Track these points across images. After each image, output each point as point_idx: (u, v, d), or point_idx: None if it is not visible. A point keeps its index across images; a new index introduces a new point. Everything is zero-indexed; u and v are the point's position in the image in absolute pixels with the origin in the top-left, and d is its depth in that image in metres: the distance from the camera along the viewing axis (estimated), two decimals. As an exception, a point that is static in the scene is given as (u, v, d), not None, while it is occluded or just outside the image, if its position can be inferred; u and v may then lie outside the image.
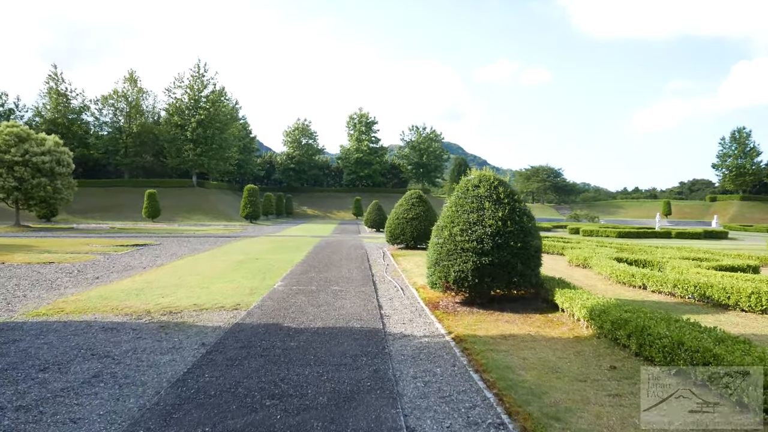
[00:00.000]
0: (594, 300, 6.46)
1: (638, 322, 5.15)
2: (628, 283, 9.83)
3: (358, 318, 7.43)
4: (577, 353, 5.53)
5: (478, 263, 7.49)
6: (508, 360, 5.30)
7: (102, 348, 5.91)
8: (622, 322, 5.37)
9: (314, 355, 5.53)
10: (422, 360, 5.47)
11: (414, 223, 18.59)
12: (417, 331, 6.80)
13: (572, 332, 6.42)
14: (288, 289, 9.88)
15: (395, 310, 8.20)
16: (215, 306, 8.34)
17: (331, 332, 6.55)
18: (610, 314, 5.69)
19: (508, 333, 6.43)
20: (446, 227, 7.95)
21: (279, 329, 6.73)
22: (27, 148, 33.68)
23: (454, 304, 8.24)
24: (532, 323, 6.98)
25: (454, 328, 6.80)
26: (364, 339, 6.25)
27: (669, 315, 5.32)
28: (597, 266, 11.53)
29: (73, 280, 11.22)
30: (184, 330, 6.80)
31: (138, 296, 9.16)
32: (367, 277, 11.72)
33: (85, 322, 7.21)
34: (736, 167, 79.54)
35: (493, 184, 8.06)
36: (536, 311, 7.74)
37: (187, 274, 11.94)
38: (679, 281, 8.46)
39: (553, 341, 6.03)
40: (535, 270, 7.88)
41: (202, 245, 20.71)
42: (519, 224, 7.72)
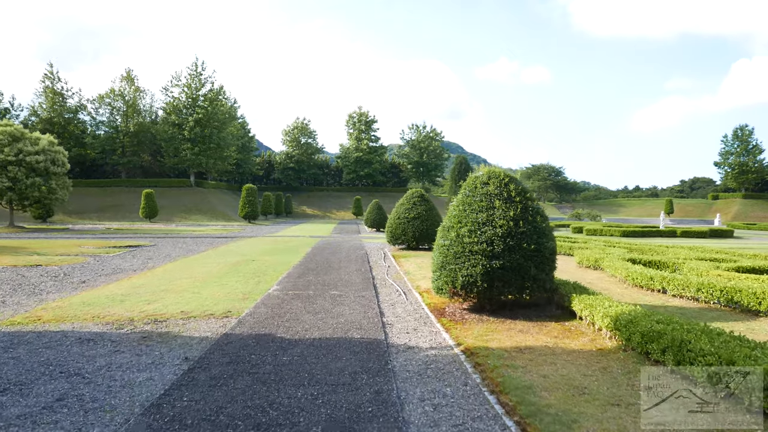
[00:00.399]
0: (618, 308, 5.86)
1: (675, 335, 4.55)
2: (646, 286, 9.22)
3: (358, 327, 6.84)
4: (604, 370, 4.94)
5: (488, 267, 6.89)
6: (528, 378, 4.70)
7: (74, 364, 5.32)
8: (655, 335, 4.77)
9: (309, 372, 4.94)
10: (430, 378, 4.88)
11: (416, 223, 17.98)
12: (422, 341, 6.21)
13: (594, 344, 5.82)
14: (283, 294, 9.28)
15: (398, 317, 7.60)
16: (204, 313, 7.74)
17: (329, 344, 5.96)
18: (639, 325, 5.09)
19: (524, 345, 5.83)
20: (453, 228, 7.35)
21: (271, 341, 6.13)
22: (21, 148, 33.04)
23: (461, 311, 7.64)
24: (548, 333, 6.38)
25: (463, 338, 6.20)
26: (365, 352, 5.65)
27: (709, 327, 4.71)
28: (610, 268, 10.92)
29: (57, 284, 10.62)
30: (167, 341, 6.21)
31: (123, 302, 8.56)
32: (367, 281, 11.12)
33: (61, 333, 6.62)
34: (738, 165, 78.92)
35: (503, 180, 7.45)
36: (551, 318, 7.14)
37: (178, 278, 11.34)
38: (703, 285, 7.86)
39: (575, 355, 5.43)
40: (549, 274, 7.28)
41: (198, 246, 20.11)
42: (532, 224, 7.12)
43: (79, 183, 55.09)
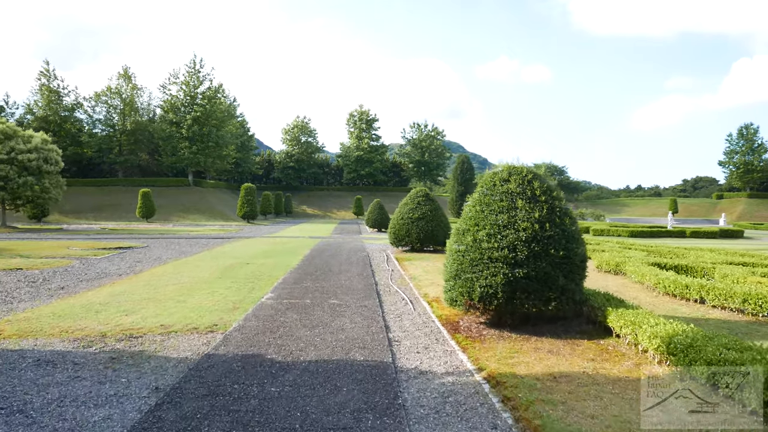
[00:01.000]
0: (668, 327, 4.95)
1: (757, 368, 3.66)
2: (680, 295, 8.31)
3: (360, 345, 5.95)
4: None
5: (509, 276, 6.00)
6: (572, 420, 3.80)
7: (21, 396, 4.43)
8: (731, 367, 3.88)
9: (302, 410, 4.04)
10: (449, 416, 3.98)
11: (420, 223, 17.05)
12: (436, 364, 5.32)
13: (641, 370, 4.92)
14: (278, 304, 8.38)
15: (406, 332, 6.71)
16: (187, 327, 6.85)
17: (327, 369, 5.06)
18: (704, 351, 4.19)
19: (558, 370, 4.93)
20: (469, 231, 6.45)
21: (259, 364, 5.24)
22: (13, 146, 32.16)
23: (478, 325, 6.74)
24: (582, 354, 5.48)
25: (485, 361, 5.30)
26: (369, 380, 4.76)
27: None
28: (635, 273, 10.01)
29: (33, 291, 9.74)
30: (138, 364, 5.32)
31: (98, 313, 7.67)
32: (370, 287, 10.23)
33: (19, 353, 5.73)
34: (743, 164, 77.96)
35: (526, 177, 6.55)
36: (582, 335, 6.24)
37: (164, 284, 10.44)
38: (750, 295, 6.96)
39: (622, 385, 4.53)
40: (579, 284, 6.39)
41: (192, 248, 19.21)
42: (560, 227, 6.22)
43: (75, 182, 54.28)
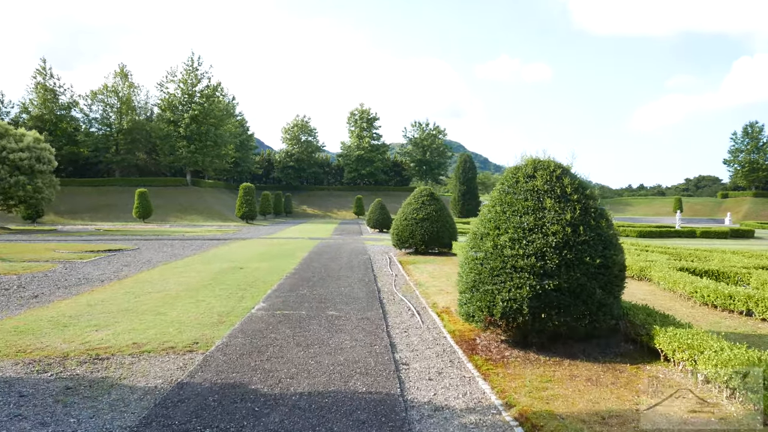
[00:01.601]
0: (740, 354, 4.04)
1: None
2: (721, 306, 7.40)
3: (362, 370, 5.05)
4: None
5: (537, 289, 5.09)
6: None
7: (-61, 444, 3.54)
8: None
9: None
10: (478, 477, 3.09)
11: (425, 224, 16.14)
12: (454, 397, 4.41)
13: (708, 407, 4.01)
14: (269, 316, 7.48)
15: (415, 351, 5.81)
16: (163, 346, 5.95)
17: (321, 405, 4.16)
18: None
19: (604, 408, 4.03)
20: (489, 235, 5.54)
21: (240, 398, 4.34)
22: (4, 145, 31.31)
23: (498, 344, 5.83)
24: (628, 385, 4.57)
25: (513, 393, 4.40)
26: (374, 421, 3.86)
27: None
28: (665, 280, 9.10)
29: (3, 300, 8.86)
30: (96, 397, 4.42)
31: (65, 328, 6.77)
32: (372, 295, 9.33)
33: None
34: (749, 163, 76.97)
35: (554, 173, 5.64)
36: (623, 358, 5.33)
37: (147, 292, 9.55)
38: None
39: (689, 429, 3.63)
40: (618, 297, 5.50)
41: (184, 250, 18.31)
42: (596, 231, 5.32)
43: (71, 182, 53.41)
